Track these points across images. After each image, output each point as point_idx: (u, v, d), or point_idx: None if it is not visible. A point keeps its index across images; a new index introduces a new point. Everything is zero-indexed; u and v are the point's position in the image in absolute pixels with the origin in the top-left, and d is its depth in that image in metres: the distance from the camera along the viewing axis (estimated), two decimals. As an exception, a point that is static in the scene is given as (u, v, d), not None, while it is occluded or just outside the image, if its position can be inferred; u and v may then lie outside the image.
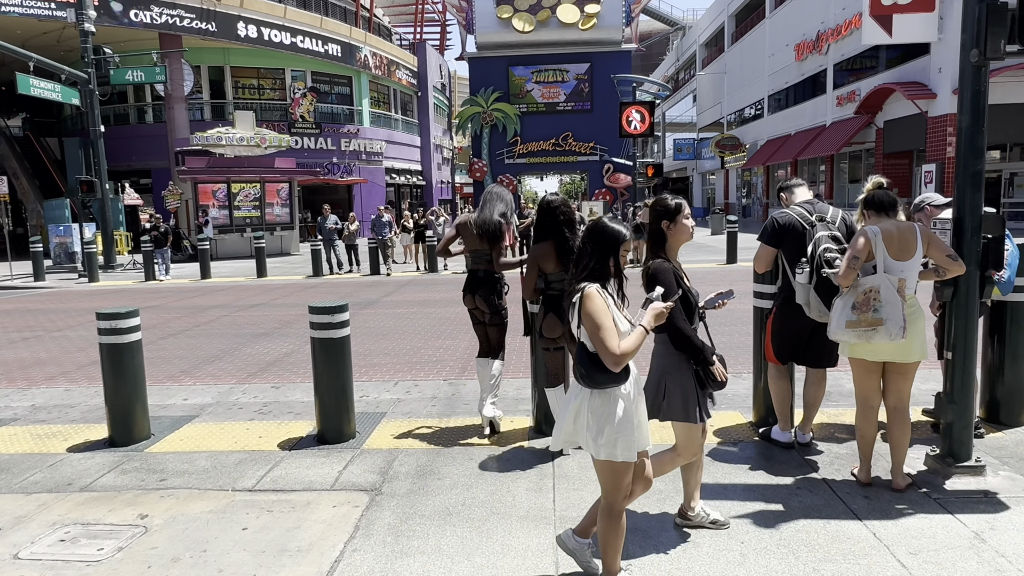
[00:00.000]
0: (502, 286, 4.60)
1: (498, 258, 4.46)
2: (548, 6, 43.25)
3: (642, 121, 16.54)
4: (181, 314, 10.77)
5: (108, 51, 19.16)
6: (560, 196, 4.10)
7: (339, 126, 33.04)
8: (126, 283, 16.39)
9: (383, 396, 5.57)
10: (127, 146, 29.05)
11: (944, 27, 20.34)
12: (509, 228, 4.57)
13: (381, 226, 16.24)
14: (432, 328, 8.65)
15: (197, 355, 7.49)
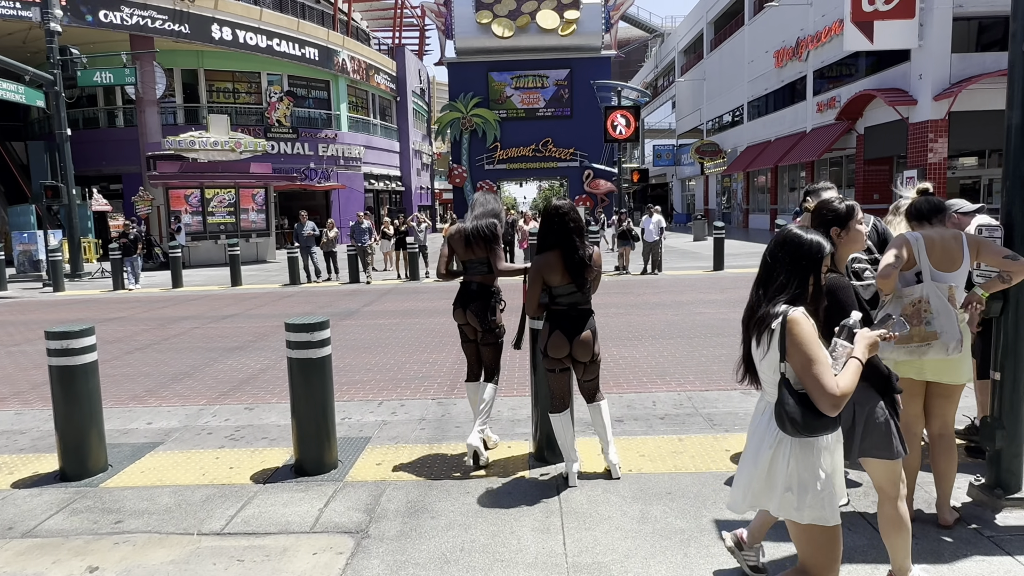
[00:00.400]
0: (497, 300, 4.19)
1: (496, 262, 4.06)
2: (528, 12, 43.12)
3: (627, 126, 16.30)
4: (149, 326, 10.21)
5: (75, 52, 18.44)
6: (568, 201, 3.72)
7: (316, 131, 32.44)
8: (93, 292, 15.71)
9: (367, 418, 5.13)
10: (97, 150, 28.21)
11: (924, 34, 20.43)
12: (501, 233, 4.18)
13: (361, 233, 15.76)
14: (417, 341, 8.22)
15: (164, 372, 6.98)
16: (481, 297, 4.12)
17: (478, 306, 4.10)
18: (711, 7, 41.38)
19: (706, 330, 8.16)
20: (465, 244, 4.09)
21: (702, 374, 6.07)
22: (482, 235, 4.04)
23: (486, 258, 4.10)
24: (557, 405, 3.74)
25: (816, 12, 27.14)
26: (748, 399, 5.19)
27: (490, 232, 4.05)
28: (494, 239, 4.06)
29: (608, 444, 3.80)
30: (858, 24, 20.80)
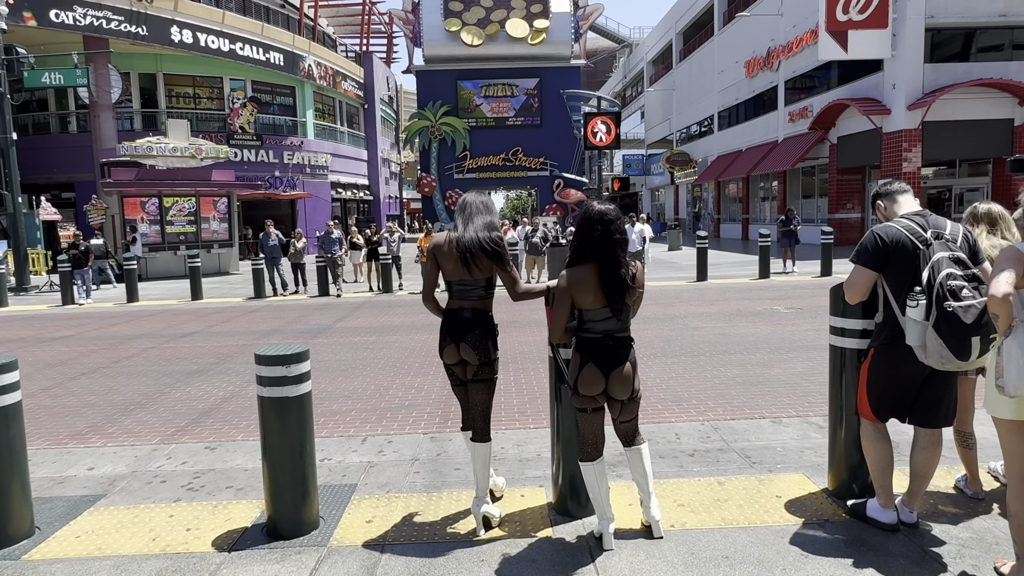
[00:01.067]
0: (494, 326, 3.44)
1: (513, 283, 3.31)
2: (497, 20, 42.75)
3: (608, 133, 15.86)
4: (99, 346, 9.30)
5: (22, 51, 17.31)
6: (614, 205, 3.08)
7: (282, 138, 31.43)
8: (39, 308, 14.60)
9: (350, 459, 4.43)
10: (47, 157, 26.80)
11: (897, 44, 20.50)
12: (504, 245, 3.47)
13: (331, 243, 14.96)
14: (398, 361, 7.52)
15: (112, 402, 6.16)
16: (479, 324, 3.35)
17: (477, 335, 3.32)
18: (680, 18, 41.56)
19: (708, 347, 7.64)
20: (460, 261, 3.31)
21: (720, 399, 5.51)
22: (487, 249, 3.28)
23: (486, 279, 3.38)
24: (589, 452, 3.11)
25: (787, 23, 27.25)
26: (781, 430, 4.64)
27: (497, 246, 3.32)
28: (504, 254, 3.34)
29: (649, 496, 3.19)
30: (832, 33, 20.80)
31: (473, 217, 3.39)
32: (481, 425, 3.44)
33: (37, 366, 7.97)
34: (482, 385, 3.40)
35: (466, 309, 3.37)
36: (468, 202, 3.48)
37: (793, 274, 15.78)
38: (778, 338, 8.04)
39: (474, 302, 3.38)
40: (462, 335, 3.35)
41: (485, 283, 3.38)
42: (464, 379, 3.47)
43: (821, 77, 25.65)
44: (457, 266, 3.34)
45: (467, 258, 3.31)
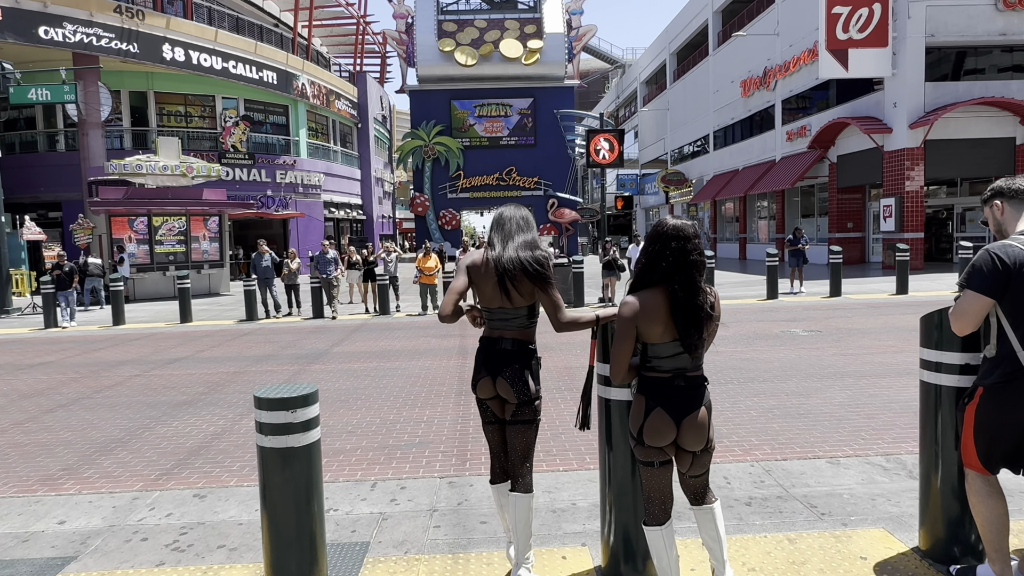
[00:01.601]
0: (538, 362, 3.00)
1: (557, 310, 2.84)
2: (491, 40, 42.76)
3: (611, 150, 15.51)
4: (80, 373, 8.72)
5: (8, 66, 16.83)
6: (692, 222, 2.61)
7: (274, 157, 30.99)
8: (20, 332, 13.96)
9: (359, 509, 3.90)
10: (34, 175, 26.23)
11: (897, 62, 20.39)
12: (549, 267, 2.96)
13: (326, 263, 14.45)
14: (403, 391, 6.99)
15: (91, 439, 5.60)
16: (519, 358, 2.92)
17: (516, 370, 2.89)
18: (673, 38, 41.68)
19: (735, 374, 7.17)
20: (498, 285, 2.88)
21: (763, 434, 5.03)
22: (529, 271, 2.85)
23: (528, 307, 2.93)
24: (656, 514, 2.61)
25: (783, 42, 27.22)
26: (841, 472, 4.16)
27: (541, 267, 2.86)
28: (549, 276, 2.88)
29: (724, 565, 2.69)
30: (833, 52, 20.68)
31: (513, 234, 2.96)
32: (522, 471, 2.99)
33: (11, 397, 7.39)
34: (523, 427, 2.96)
35: (505, 339, 2.95)
36: (505, 217, 3.04)
37: (801, 294, 15.39)
38: (806, 364, 7.58)
39: (515, 332, 2.95)
40: (499, 368, 2.93)
41: (527, 311, 2.95)
42: (500, 417, 3.04)
43: (819, 96, 25.55)
44: (496, 291, 2.91)
45: (506, 282, 2.87)
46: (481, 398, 3.02)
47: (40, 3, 22.86)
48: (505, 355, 2.93)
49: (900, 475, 4.07)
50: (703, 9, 36.00)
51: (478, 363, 3.00)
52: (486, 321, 3.02)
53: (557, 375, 7.38)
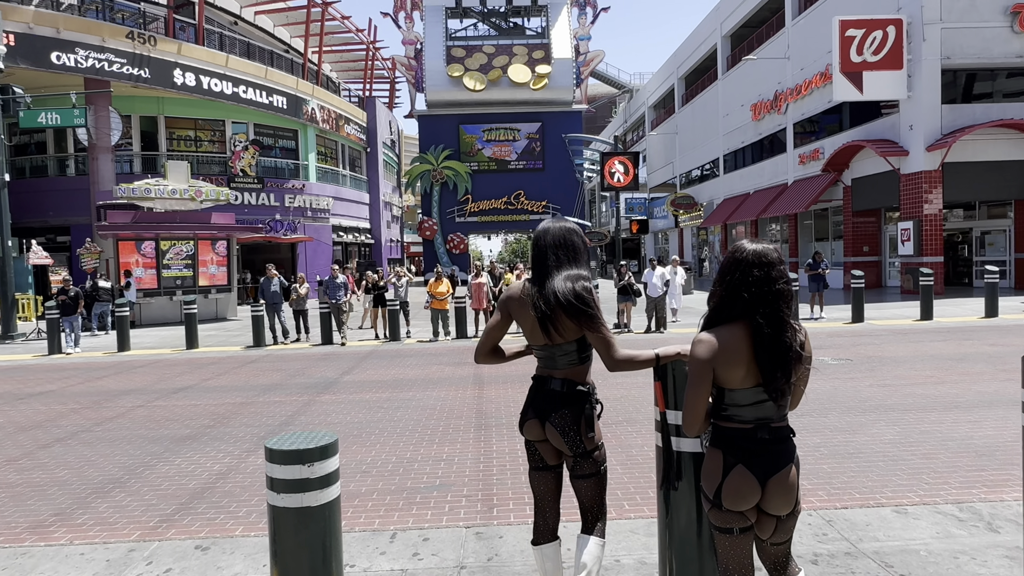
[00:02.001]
0: (594, 406, 2.63)
1: (608, 348, 2.46)
2: (499, 66, 42.99)
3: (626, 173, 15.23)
4: (82, 403, 8.38)
5: (18, 90, 16.78)
6: (774, 246, 2.26)
7: (283, 181, 30.95)
8: (23, 358, 13.67)
9: (379, 565, 3.52)
10: (43, 200, 26.18)
11: (913, 85, 20.16)
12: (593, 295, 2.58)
13: (335, 288, 14.15)
14: (419, 425, 6.61)
15: (88, 479, 5.23)
16: (570, 401, 2.56)
17: (567, 417, 2.55)
18: (681, 63, 41.74)
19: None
20: (541, 320, 2.55)
21: (815, 477, 4.62)
22: (568, 310, 2.48)
23: (577, 341, 2.57)
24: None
25: (794, 66, 27.09)
26: (911, 523, 3.75)
27: (582, 302, 2.49)
28: (593, 312, 2.51)
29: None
30: (847, 75, 20.48)
31: (549, 261, 2.60)
32: (596, 514, 2.68)
33: (8, 430, 7.04)
34: (586, 482, 2.63)
35: (554, 379, 2.61)
36: (542, 239, 2.66)
37: (822, 320, 14.98)
38: (843, 396, 7.17)
39: (564, 371, 2.61)
40: (547, 411, 2.60)
41: (577, 346, 2.59)
42: (550, 464, 2.69)
43: (832, 119, 25.34)
44: (536, 329, 2.57)
45: (548, 314, 2.53)
46: (528, 439, 2.70)
47: (53, 29, 23.01)
48: (553, 397, 2.59)
49: (978, 527, 3.66)
50: (712, 34, 36.06)
51: (526, 402, 2.69)
52: (540, 360, 2.69)
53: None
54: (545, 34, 44.24)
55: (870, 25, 20.20)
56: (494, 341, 2.71)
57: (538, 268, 2.63)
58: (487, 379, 9.03)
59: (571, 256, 2.62)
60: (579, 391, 2.58)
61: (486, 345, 2.71)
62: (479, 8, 44.58)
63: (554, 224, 2.70)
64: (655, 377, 2.56)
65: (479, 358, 2.74)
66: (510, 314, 2.68)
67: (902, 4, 20.47)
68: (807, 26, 25.98)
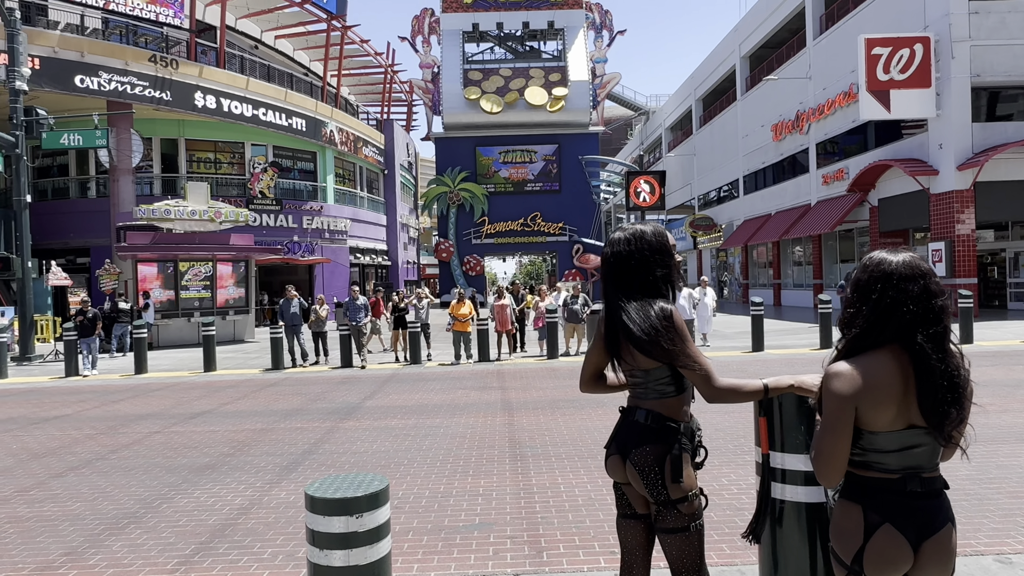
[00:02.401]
0: (686, 445, 2.19)
1: (706, 380, 2.08)
2: (516, 88, 43.07)
3: (652, 192, 14.90)
4: (97, 429, 8.09)
5: (42, 112, 16.83)
6: (916, 256, 1.88)
7: (301, 203, 30.96)
8: (40, 380, 13.47)
9: (421, 620, 3.14)
10: (64, 222, 26.29)
11: (942, 103, 19.76)
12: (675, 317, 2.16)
13: (355, 310, 13.87)
14: (450, 454, 6.24)
15: (101, 512, 4.90)
16: (654, 437, 2.17)
17: (648, 456, 2.16)
18: (699, 85, 41.63)
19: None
20: (612, 345, 2.27)
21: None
22: (638, 343, 2.13)
23: (669, 368, 2.18)
24: None
25: (816, 85, 26.79)
26: (1019, 574, 3.31)
27: (655, 337, 2.11)
28: (675, 348, 2.10)
29: None
30: (874, 93, 20.12)
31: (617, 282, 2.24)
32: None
33: (20, 457, 6.75)
34: (674, 538, 2.17)
35: (639, 410, 2.23)
36: (610, 251, 2.28)
37: (856, 344, 14.42)
38: (901, 425, 6.71)
39: (652, 402, 2.21)
40: (628, 447, 2.21)
41: (671, 371, 2.19)
42: (638, 511, 2.30)
43: (857, 139, 24.93)
44: (626, 350, 2.22)
45: (618, 336, 2.19)
46: (613, 480, 2.34)
47: (77, 53, 23.25)
48: (636, 430, 2.22)
49: (1100, 582, 3.22)
50: (730, 55, 35.93)
51: (611, 435, 2.34)
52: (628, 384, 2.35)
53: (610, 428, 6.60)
54: (562, 57, 44.37)
55: (897, 43, 19.88)
56: (595, 367, 2.38)
57: (609, 286, 2.28)
58: (516, 405, 8.65)
59: (639, 274, 2.22)
60: (667, 426, 2.19)
61: (586, 371, 2.39)
62: (496, 32, 44.85)
63: (627, 230, 2.31)
64: (759, 412, 2.19)
65: (582, 387, 2.45)
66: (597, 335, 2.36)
67: (929, 22, 20.16)
68: (829, 45, 25.73)
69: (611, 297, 2.26)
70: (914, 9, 20.80)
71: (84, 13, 25.47)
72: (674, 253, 2.29)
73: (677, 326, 2.12)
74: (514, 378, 11.29)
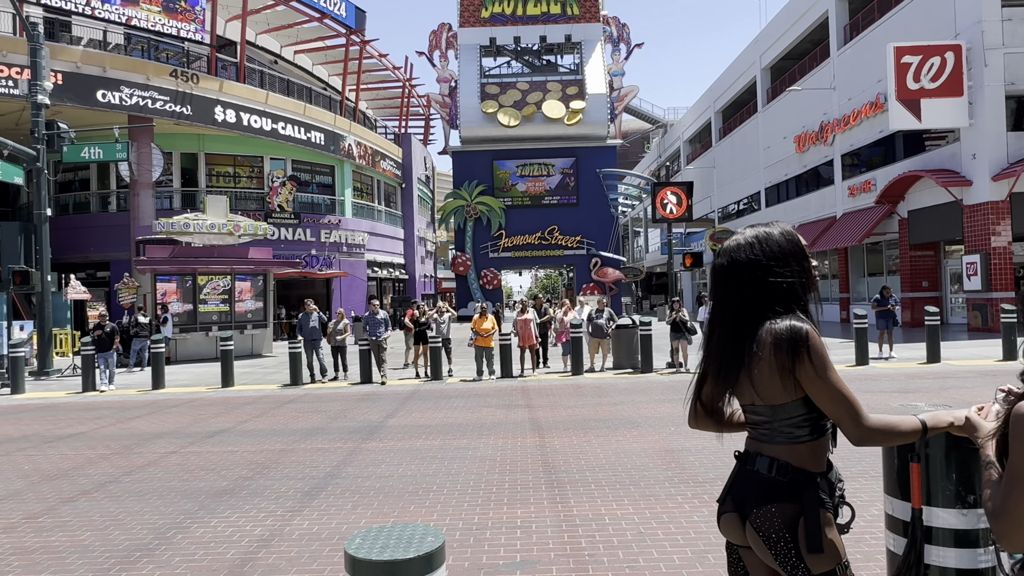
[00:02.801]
0: (824, 501, 1.72)
1: (855, 418, 1.65)
2: (533, 102, 42.96)
3: (678, 204, 14.51)
4: (112, 448, 7.81)
5: (63, 126, 16.82)
6: None
7: (319, 216, 30.88)
8: (57, 395, 13.28)
9: None
10: (85, 236, 26.37)
11: (975, 112, 19.24)
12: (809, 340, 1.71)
13: (375, 324, 13.56)
14: (481, 479, 5.86)
15: (113, 543, 4.58)
16: (781, 494, 1.72)
17: (774, 518, 1.71)
18: (718, 97, 41.29)
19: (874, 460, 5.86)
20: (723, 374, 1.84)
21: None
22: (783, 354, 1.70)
23: (800, 401, 1.73)
24: None
25: (841, 96, 26.33)
26: None
27: (799, 344, 1.69)
28: (816, 357, 1.69)
29: None
30: (904, 102, 19.65)
31: (729, 294, 1.83)
32: None
33: (32, 479, 6.47)
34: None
35: (761, 456, 1.78)
36: (739, 255, 1.82)
37: (893, 360, 13.91)
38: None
39: (778, 447, 1.76)
40: (748, 504, 1.76)
41: (805, 409, 1.73)
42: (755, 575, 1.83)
43: (884, 149, 24.40)
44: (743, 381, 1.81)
45: (728, 369, 1.80)
46: (727, 540, 1.89)
47: (100, 68, 23.38)
48: (758, 484, 1.76)
49: None
50: (751, 67, 35.58)
51: (726, 486, 1.88)
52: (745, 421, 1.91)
53: (652, 455, 6.18)
54: (579, 70, 44.26)
55: (927, 51, 19.42)
56: (707, 398, 1.92)
57: (717, 300, 1.88)
58: (546, 425, 8.26)
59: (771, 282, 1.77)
60: (799, 479, 1.72)
61: (695, 403, 1.94)
62: (513, 46, 44.86)
63: (748, 233, 1.86)
64: (911, 457, 1.79)
65: (692, 422, 1.97)
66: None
67: (960, 29, 19.68)
68: (854, 55, 25.29)
69: (727, 314, 1.84)
70: (944, 17, 20.33)
71: (107, 29, 25.68)
72: (809, 255, 1.85)
73: (816, 349, 1.69)
74: (539, 395, 10.91)
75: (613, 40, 45.07)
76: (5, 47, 21.91)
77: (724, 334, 1.82)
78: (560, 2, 44.11)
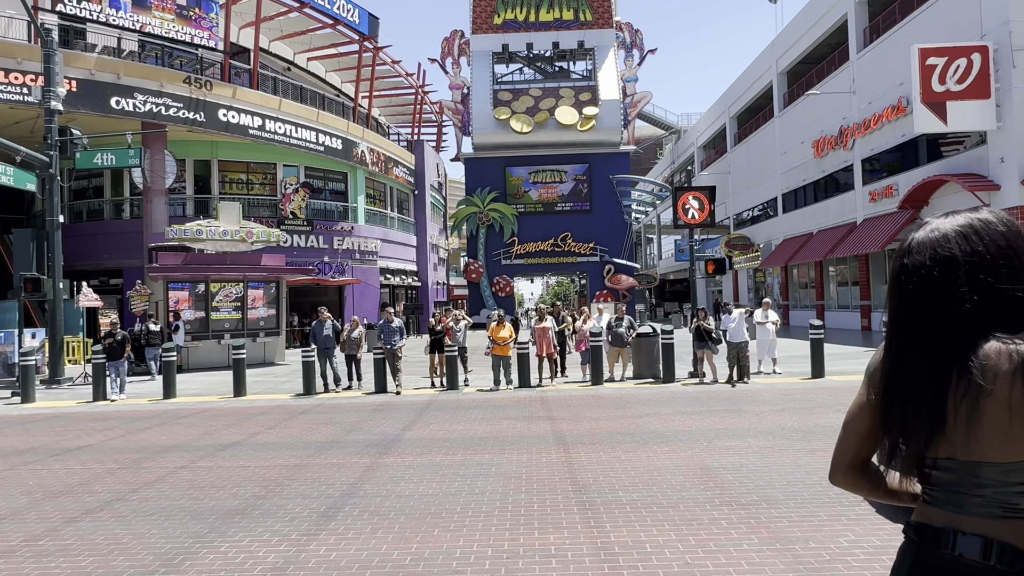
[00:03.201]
0: None
1: None
2: (546, 108, 42.72)
3: (701, 209, 14.10)
4: (120, 463, 7.52)
5: (76, 132, 16.70)
6: None
7: (332, 223, 30.72)
8: (67, 405, 13.06)
9: None
10: (98, 243, 26.34)
11: (1003, 115, 18.73)
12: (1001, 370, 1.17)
13: (390, 332, 13.25)
14: (508, 499, 5.50)
15: (116, 570, 4.26)
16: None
17: None
18: (733, 102, 40.85)
19: None
20: (922, 410, 1.25)
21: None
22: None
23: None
24: None
25: (861, 100, 25.87)
26: None
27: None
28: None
29: None
30: (929, 105, 19.17)
31: (958, 313, 1.23)
32: None
33: (35, 496, 6.18)
34: None
35: (967, 536, 1.22)
36: (944, 250, 1.27)
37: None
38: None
39: (996, 524, 1.21)
40: None
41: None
42: None
43: (906, 154, 23.89)
44: (931, 424, 1.25)
45: (932, 410, 1.24)
46: None
47: (114, 75, 23.35)
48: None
49: None
50: (766, 72, 35.15)
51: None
52: (929, 482, 1.32)
53: (688, 474, 5.80)
54: (592, 76, 44.01)
55: (952, 53, 18.95)
56: (861, 449, 1.38)
57: (900, 312, 1.35)
58: (570, 439, 7.90)
59: (997, 287, 1.23)
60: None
61: (845, 454, 1.40)
62: (525, 53, 44.66)
63: (952, 222, 1.33)
64: None
65: (837, 476, 1.42)
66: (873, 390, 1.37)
67: (987, 30, 19.20)
68: (874, 58, 24.83)
69: (919, 333, 1.28)
70: (970, 17, 19.86)
71: (121, 36, 25.67)
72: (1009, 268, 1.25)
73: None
74: (559, 406, 10.54)
75: (626, 46, 44.79)
76: (20, 54, 21.92)
77: (920, 359, 1.26)
78: (573, 8, 43.90)
